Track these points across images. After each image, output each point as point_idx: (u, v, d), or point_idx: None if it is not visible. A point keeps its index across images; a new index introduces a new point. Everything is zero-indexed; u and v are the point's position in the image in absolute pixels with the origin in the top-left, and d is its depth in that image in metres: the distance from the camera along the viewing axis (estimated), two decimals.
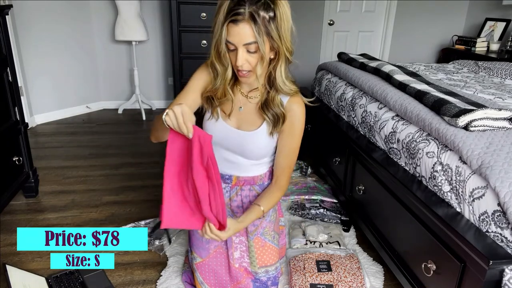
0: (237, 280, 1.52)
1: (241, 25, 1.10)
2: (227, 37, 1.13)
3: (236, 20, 1.10)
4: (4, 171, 2.10)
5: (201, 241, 1.52)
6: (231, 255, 1.51)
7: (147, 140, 3.51)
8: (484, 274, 1.11)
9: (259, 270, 1.52)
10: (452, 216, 1.33)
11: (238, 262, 1.52)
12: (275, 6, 1.11)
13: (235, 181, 1.44)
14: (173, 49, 3.71)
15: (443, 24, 4.60)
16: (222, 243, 1.51)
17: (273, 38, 1.14)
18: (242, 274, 1.52)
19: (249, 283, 1.53)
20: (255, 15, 1.09)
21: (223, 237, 1.23)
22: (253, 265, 1.51)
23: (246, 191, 1.45)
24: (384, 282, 1.82)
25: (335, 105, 2.54)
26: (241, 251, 1.51)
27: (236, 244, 1.51)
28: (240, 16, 1.09)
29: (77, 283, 1.71)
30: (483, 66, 2.83)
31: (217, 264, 1.54)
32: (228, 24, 1.11)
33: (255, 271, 1.52)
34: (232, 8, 1.10)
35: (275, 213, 1.56)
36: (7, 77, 2.17)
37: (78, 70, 4.02)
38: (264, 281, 1.53)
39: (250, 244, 1.49)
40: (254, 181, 1.44)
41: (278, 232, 1.60)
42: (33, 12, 3.52)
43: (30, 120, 3.63)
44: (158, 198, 2.46)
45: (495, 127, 1.45)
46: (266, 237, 1.50)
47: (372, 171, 1.87)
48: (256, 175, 1.44)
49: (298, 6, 4.30)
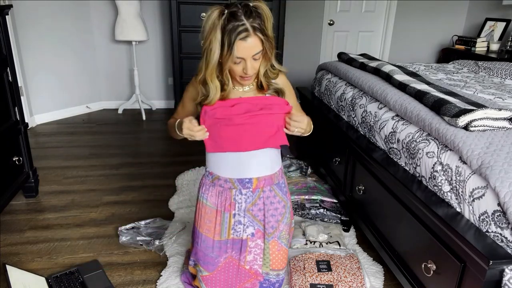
0: (245, 280, 1.52)
1: (249, 40, 1.17)
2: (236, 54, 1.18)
3: (246, 37, 1.16)
4: (4, 171, 2.11)
5: (210, 257, 1.48)
6: (243, 258, 1.48)
7: (147, 140, 3.53)
8: (484, 274, 1.11)
9: (271, 272, 1.51)
10: (452, 216, 1.33)
11: (249, 264, 1.50)
12: (260, 9, 1.19)
13: (256, 183, 1.40)
14: (173, 49, 3.71)
15: (443, 24, 4.60)
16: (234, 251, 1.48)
17: (268, 38, 1.21)
18: (252, 275, 1.51)
19: (256, 284, 1.52)
20: (256, 26, 1.16)
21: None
22: (266, 266, 1.50)
23: (267, 192, 1.43)
24: (384, 282, 1.82)
25: (335, 105, 2.54)
26: (255, 254, 1.49)
27: (251, 248, 1.48)
28: (246, 32, 1.15)
29: (77, 283, 1.71)
30: (483, 66, 2.83)
31: (226, 272, 1.51)
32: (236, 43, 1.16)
33: (266, 272, 1.51)
34: (235, 26, 1.15)
35: (289, 215, 1.54)
36: (7, 77, 2.17)
37: (78, 70, 4.02)
38: (272, 282, 1.53)
39: (266, 247, 1.47)
40: (272, 180, 1.43)
41: (291, 234, 1.62)
42: (33, 12, 3.52)
43: (30, 120, 3.64)
44: (158, 198, 2.48)
45: (495, 127, 1.45)
46: (282, 241, 1.49)
47: (372, 171, 1.87)
48: (273, 173, 1.43)
49: (298, 6, 4.30)
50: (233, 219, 1.43)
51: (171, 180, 2.72)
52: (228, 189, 1.41)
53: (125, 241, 2.03)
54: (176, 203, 2.43)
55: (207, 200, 1.44)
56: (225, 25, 1.16)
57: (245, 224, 1.44)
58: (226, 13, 1.16)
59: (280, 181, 1.47)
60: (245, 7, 1.17)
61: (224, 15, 1.16)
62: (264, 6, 1.20)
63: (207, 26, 1.19)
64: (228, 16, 1.16)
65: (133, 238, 2.04)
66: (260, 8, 1.19)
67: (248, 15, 1.16)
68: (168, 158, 3.10)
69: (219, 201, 1.42)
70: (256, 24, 1.16)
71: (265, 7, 1.21)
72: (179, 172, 2.81)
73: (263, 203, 1.43)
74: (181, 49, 3.72)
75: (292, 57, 4.35)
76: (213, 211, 1.44)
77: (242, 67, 1.22)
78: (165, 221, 2.22)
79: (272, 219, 1.45)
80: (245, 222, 1.44)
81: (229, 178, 1.39)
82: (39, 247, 1.98)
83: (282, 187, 1.48)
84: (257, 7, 1.19)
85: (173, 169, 2.87)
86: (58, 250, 1.97)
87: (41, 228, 2.15)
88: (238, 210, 1.42)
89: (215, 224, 1.44)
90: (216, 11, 1.17)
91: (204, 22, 1.20)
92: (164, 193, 2.54)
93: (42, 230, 2.13)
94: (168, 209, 2.37)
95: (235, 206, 1.42)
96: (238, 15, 1.15)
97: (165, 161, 3.04)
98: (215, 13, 1.17)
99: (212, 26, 1.17)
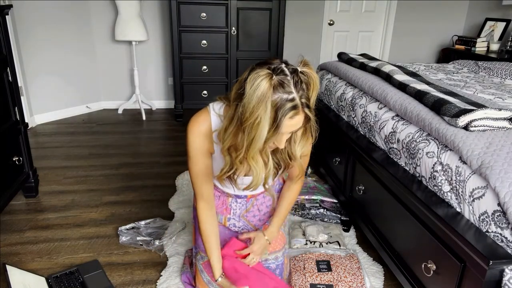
0: None
1: (297, 117, 1.01)
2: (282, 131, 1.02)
3: (295, 115, 1.00)
4: (4, 171, 2.10)
5: None
6: None
7: (147, 140, 3.53)
8: (484, 274, 1.11)
9: (270, 257, 1.54)
10: (452, 216, 1.33)
11: None
12: (309, 78, 1.03)
13: (250, 196, 1.47)
14: (173, 49, 3.71)
15: (443, 24, 4.60)
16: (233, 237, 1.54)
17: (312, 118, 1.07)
18: None
19: None
20: (305, 101, 1.01)
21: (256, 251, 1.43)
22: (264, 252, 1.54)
23: (260, 199, 1.50)
24: (384, 282, 1.82)
25: (335, 105, 2.54)
26: None
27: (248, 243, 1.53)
28: (296, 110, 0.99)
29: (77, 283, 1.71)
30: (483, 66, 2.83)
31: None
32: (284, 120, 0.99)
33: (265, 257, 1.54)
34: (283, 101, 0.97)
35: None
36: (7, 77, 2.17)
37: (78, 70, 4.02)
38: (273, 268, 1.55)
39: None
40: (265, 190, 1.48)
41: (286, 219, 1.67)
42: (33, 12, 3.52)
43: (30, 120, 3.63)
44: (158, 198, 2.48)
45: (495, 127, 1.45)
46: None
47: (372, 171, 1.87)
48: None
49: (298, 6, 4.30)
50: (227, 222, 1.51)
51: (171, 180, 2.72)
52: (225, 196, 1.46)
53: (125, 241, 2.03)
54: (176, 203, 2.43)
55: None
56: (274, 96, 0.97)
57: (240, 227, 1.52)
58: (275, 81, 0.97)
59: (275, 184, 1.52)
60: (294, 74, 0.99)
61: (272, 84, 0.97)
62: (315, 75, 1.03)
63: (253, 97, 0.96)
64: (277, 84, 0.97)
65: (133, 238, 2.04)
66: (309, 77, 1.02)
67: (297, 86, 0.99)
68: (168, 158, 3.10)
69: (216, 203, 1.47)
70: (305, 99, 1.00)
71: (315, 75, 1.03)
72: (179, 172, 2.82)
73: (258, 209, 1.50)
74: (181, 49, 3.72)
75: (292, 57, 4.33)
76: None
77: (274, 140, 1.06)
78: (165, 221, 2.22)
79: (265, 217, 1.53)
80: (239, 225, 1.51)
81: (226, 191, 1.45)
82: (39, 247, 1.98)
83: (277, 187, 1.54)
84: (307, 75, 1.02)
85: (173, 169, 2.87)
86: (58, 250, 1.97)
87: (41, 228, 2.15)
88: (233, 215, 1.49)
89: None
90: (266, 79, 0.96)
91: (248, 89, 0.97)
92: (164, 193, 2.54)
93: (42, 230, 2.13)
94: (168, 209, 2.37)
95: (230, 211, 1.48)
96: (287, 84, 0.98)
97: (165, 161, 3.04)
98: (264, 82, 0.96)
99: (261, 98, 0.96)
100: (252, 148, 1.04)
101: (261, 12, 3.72)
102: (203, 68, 3.81)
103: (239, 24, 3.73)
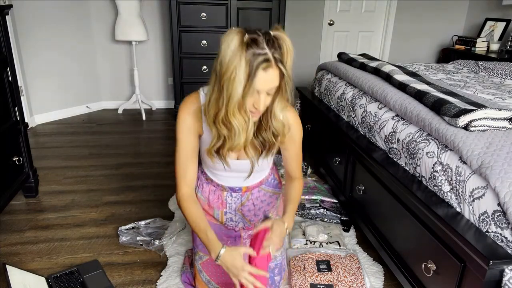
0: None
1: (270, 71, 1.04)
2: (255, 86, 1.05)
3: (267, 68, 1.03)
4: (4, 171, 2.10)
5: None
6: None
7: (147, 140, 3.53)
8: (484, 274, 1.11)
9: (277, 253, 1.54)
10: (452, 216, 1.33)
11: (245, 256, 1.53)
12: (281, 40, 1.06)
13: (245, 189, 1.47)
14: (173, 49, 3.71)
15: (443, 24, 4.60)
16: (230, 242, 1.53)
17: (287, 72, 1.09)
18: None
19: None
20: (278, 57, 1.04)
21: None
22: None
23: (255, 193, 1.49)
24: (384, 282, 1.82)
25: (335, 105, 2.54)
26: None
27: (245, 239, 1.54)
28: (268, 62, 1.03)
29: (77, 283, 1.71)
30: (483, 66, 2.83)
31: None
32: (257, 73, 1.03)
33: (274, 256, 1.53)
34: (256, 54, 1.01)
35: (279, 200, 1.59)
36: (7, 77, 2.17)
37: (78, 70, 4.02)
38: (271, 268, 1.55)
39: None
40: (261, 182, 1.49)
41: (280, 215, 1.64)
42: (33, 12, 3.52)
43: (30, 120, 3.63)
44: (158, 198, 2.48)
45: (495, 127, 1.45)
46: None
47: (372, 171, 1.87)
48: (262, 178, 1.48)
49: (298, 6, 4.30)
50: (224, 216, 1.50)
51: (171, 180, 2.72)
52: (220, 190, 1.47)
53: (125, 241, 2.03)
54: (176, 203, 2.42)
55: (201, 193, 1.49)
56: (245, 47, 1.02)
57: (237, 221, 1.51)
58: (247, 38, 1.02)
59: (269, 179, 1.51)
60: (266, 35, 1.05)
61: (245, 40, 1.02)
62: (287, 38, 1.08)
63: (227, 52, 1.02)
64: (249, 41, 1.02)
65: (133, 238, 2.04)
66: (281, 39, 1.06)
67: (269, 44, 1.03)
68: (168, 158, 3.10)
69: (211, 198, 1.48)
70: (278, 55, 1.04)
71: (288, 39, 1.08)
72: None
73: (253, 203, 1.49)
74: (181, 49, 3.72)
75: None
76: (205, 204, 1.49)
77: (252, 101, 1.10)
78: (165, 221, 2.22)
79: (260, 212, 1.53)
80: (236, 219, 1.51)
81: (220, 184, 1.45)
82: (39, 247, 1.98)
83: (272, 182, 1.53)
84: (279, 37, 1.06)
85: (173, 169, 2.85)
86: (58, 250, 1.97)
87: (41, 228, 2.15)
88: (229, 209, 1.49)
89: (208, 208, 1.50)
90: (238, 35, 1.02)
91: (222, 47, 1.03)
92: (164, 193, 2.54)
93: (42, 230, 2.13)
94: (168, 209, 2.37)
95: (226, 205, 1.48)
96: (260, 42, 1.02)
97: (165, 161, 3.04)
98: (236, 37, 1.02)
99: (235, 52, 1.01)
100: (230, 103, 1.07)
101: (261, 12, 3.72)
102: (203, 68, 3.81)
103: (239, 24, 3.73)
